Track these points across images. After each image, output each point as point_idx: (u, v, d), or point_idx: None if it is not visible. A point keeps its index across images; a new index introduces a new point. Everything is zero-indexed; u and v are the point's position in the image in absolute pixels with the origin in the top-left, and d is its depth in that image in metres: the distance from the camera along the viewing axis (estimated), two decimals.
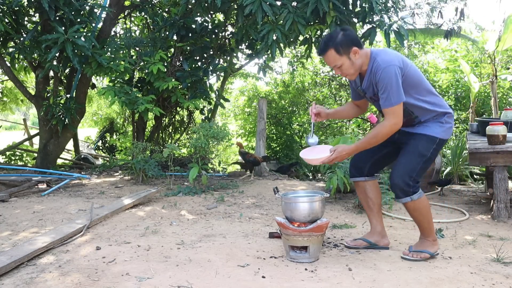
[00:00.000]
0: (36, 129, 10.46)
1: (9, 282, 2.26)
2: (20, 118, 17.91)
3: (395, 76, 2.43)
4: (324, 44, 2.54)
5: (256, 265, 2.53)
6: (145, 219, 3.69)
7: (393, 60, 2.46)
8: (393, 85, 2.43)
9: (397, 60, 2.47)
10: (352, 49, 2.50)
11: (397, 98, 2.44)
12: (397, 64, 2.46)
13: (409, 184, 2.56)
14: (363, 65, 2.57)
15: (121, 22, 8.04)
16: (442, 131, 2.62)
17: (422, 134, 2.62)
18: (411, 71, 2.54)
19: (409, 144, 2.64)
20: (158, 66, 5.69)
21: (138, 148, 5.50)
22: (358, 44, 2.53)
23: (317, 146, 2.76)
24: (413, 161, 2.58)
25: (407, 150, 2.64)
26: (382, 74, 2.45)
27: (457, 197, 5.07)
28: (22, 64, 6.95)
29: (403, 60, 2.52)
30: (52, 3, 5.22)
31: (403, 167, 2.60)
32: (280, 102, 9.79)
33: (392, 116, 2.48)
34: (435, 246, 2.71)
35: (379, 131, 2.54)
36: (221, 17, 7.51)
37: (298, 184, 5.74)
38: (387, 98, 2.46)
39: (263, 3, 4.82)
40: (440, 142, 2.63)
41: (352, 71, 2.58)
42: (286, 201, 2.66)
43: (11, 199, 4.46)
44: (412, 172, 2.57)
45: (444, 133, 2.62)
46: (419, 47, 9.67)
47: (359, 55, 2.53)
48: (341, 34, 2.51)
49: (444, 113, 2.64)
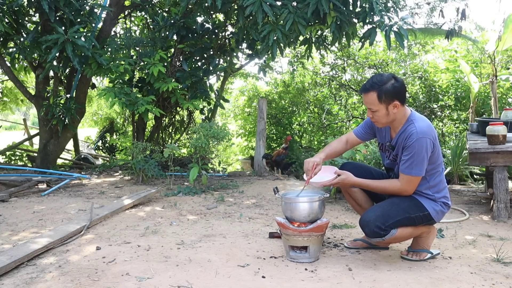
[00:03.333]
0: (36, 129, 10.46)
1: (9, 282, 2.26)
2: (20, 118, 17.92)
3: (425, 150, 2.40)
4: (370, 84, 2.47)
5: (256, 265, 2.53)
6: (145, 219, 3.69)
7: (428, 133, 2.42)
8: (421, 157, 2.40)
9: (432, 134, 2.44)
10: (394, 102, 2.45)
11: (418, 171, 2.43)
12: (431, 138, 2.43)
13: (380, 228, 2.43)
14: (398, 121, 2.52)
15: (121, 22, 8.05)
16: (435, 209, 2.55)
17: (415, 199, 2.55)
18: (437, 150, 2.50)
19: (399, 197, 2.56)
20: (159, 67, 5.69)
21: (138, 148, 5.50)
22: (402, 99, 2.47)
23: (324, 167, 2.72)
24: (394, 211, 2.48)
25: (393, 200, 2.56)
26: (415, 142, 2.40)
27: (457, 197, 5.07)
28: (22, 64, 6.95)
29: (436, 135, 2.48)
30: (52, 4, 5.23)
31: (381, 210, 2.49)
32: (280, 102, 9.79)
33: (407, 184, 2.49)
34: (431, 236, 2.69)
35: (387, 188, 2.57)
36: (221, 17, 7.51)
37: (298, 184, 5.75)
38: (409, 166, 2.43)
39: (263, 4, 4.82)
40: (428, 216, 2.54)
41: (384, 121, 2.53)
42: (286, 201, 2.66)
43: (11, 199, 4.46)
44: (388, 219, 2.45)
45: (436, 213, 2.56)
46: (419, 47, 9.68)
47: (398, 110, 2.48)
48: (391, 83, 2.45)
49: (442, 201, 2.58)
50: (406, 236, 2.58)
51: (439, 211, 2.58)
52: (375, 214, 2.49)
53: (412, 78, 9.49)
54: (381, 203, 2.61)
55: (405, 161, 2.46)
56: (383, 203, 2.59)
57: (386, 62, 9.44)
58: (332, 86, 10.00)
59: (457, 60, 8.62)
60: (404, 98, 2.50)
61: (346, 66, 9.80)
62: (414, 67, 9.50)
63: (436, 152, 2.49)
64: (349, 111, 10.20)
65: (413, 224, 2.53)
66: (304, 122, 10.18)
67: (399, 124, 2.53)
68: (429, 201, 2.56)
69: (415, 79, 9.46)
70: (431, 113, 9.01)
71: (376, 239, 2.50)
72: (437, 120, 9.35)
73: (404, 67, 9.59)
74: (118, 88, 5.77)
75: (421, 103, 9.01)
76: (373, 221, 2.45)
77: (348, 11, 5.25)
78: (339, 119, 10.17)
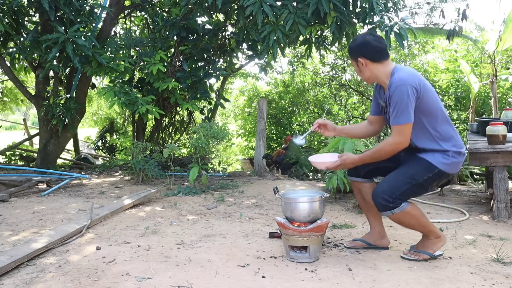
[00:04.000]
0: (36, 129, 10.47)
1: (9, 282, 2.26)
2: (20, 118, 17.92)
3: (406, 96, 2.39)
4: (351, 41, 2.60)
5: (256, 265, 2.53)
6: (145, 219, 3.69)
7: (408, 80, 2.41)
8: (403, 104, 2.39)
9: (414, 81, 2.42)
10: (359, 59, 2.52)
11: (404, 118, 2.41)
12: (412, 84, 2.41)
13: (388, 201, 2.47)
14: (382, 78, 2.55)
15: (121, 22, 8.05)
16: (446, 163, 2.50)
17: (423, 159, 2.53)
18: (429, 98, 2.47)
19: (406, 164, 2.57)
20: (158, 66, 5.69)
21: (138, 148, 5.50)
22: (369, 56, 2.50)
23: (327, 154, 2.79)
24: (400, 181, 2.50)
25: (400, 169, 2.57)
26: (395, 91, 2.42)
27: (457, 197, 5.07)
28: (22, 64, 6.95)
29: (422, 83, 2.45)
30: (52, 3, 5.22)
31: (387, 183, 2.53)
32: (280, 102, 9.80)
33: (398, 134, 2.45)
34: (438, 243, 2.63)
35: (382, 147, 2.53)
36: (221, 17, 7.51)
37: (298, 184, 5.75)
38: (395, 116, 2.43)
39: (263, 4, 4.82)
40: (439, 173, 2.51)
41: (364, 77, 2.61)
42: (286, 201, 2.66)
43: (11, 199, 4.46)
44: (395, 191, 2.48)
45: (447, 166, 2.50)
46: (419, 47, 9.68)
47: (370, 67, 2.52)
48: (360, 39, 2.54)
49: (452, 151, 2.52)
50: (416, 217, 2.55)
51: (450, 164, 2.51)
52: (383, 186, 2.52)
53: None
54: (389, 175, 2.60)
55: (391, 113, 2.46)
56: (391, 174, 2.58)
57: None
58: (332, 86, 10.00)
59: (457, 60, 8.63)
60: (374, 55, 2.51)
61: (346, 66, 9.80)
62: (414, 67, 9.50)
63: (426, 99, 2.46)
64: (349, 111, 10.20)
65: (424, 189, 2.55)
66: (304, 122, 10.18)
67: (386, 81, 2.53)
68: (438, 156, 2.51)
69: None
70: None
71: (385, 213, 2.52)
72: None
73: None
74: (118, 88, 5.78)
75: None
76: (381, 193, 2.48)
77: (348, 11, 5.25)
78: (339, 119, 10.17)
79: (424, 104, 2.46)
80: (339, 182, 4.15)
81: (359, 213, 4.06)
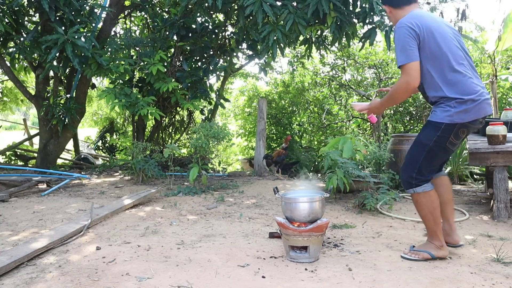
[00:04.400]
0: (36, 129, 10.47)
1: (9, 282, 2.26)
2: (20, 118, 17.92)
3: (402, 36, 2.45)
4: None
5: (256, 265, 2.53)
6: (145, 219, 3.69)
7: (404, 20, 2.50)
8: (400, 44, 2.46)
9: (411, 21, 2.48)
10: (384, 7, 2.73)
11: (403, 58, 2.44)
12: (407, 24, 2.46)
13: (411, 176, 2.56)
14: None
15: (121, 22, 8.05)
16: (448, 115, 2.45)
17: (428, 121, 2.57)
18: (433, 41, 2.46)
19: (420, 132, 2.63)
20: (158, 67, 5.69)
21: (138, 148, 5.51)
22: (392, 3, 2.66)
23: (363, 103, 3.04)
24: (415, 152, 2.57)
25: (415, 139, 2.65)
26: (394, 33, 2.55)
27: (457, 197, 5.07)
28: (22, 64, 6.96)
29: (424, 25, 2.47)
30: (52, 3, 5.22)
31: (407, 159, 2.64)
32: (280, 102, 9.79)
33: (403, 74, 2.46)
34: (440, 251, 2.62)
35: (395, 88, 2.55)
36: (221, 17, 7.51)
37: (299, 184, 5.74)
38: (397, 57, 2.49)
39: (263, 4, 4.82)
40: (447, 128, 2.47)
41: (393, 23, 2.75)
42: (286, 201, 2.66)
43: (11, 199, 4.46)
44: (415, 164, 2.55)
45: (451, 117, 2.44)
46: None
47: (392, 14, 2.68)
48: None
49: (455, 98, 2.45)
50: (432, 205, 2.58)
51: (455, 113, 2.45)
52: (405, 163, 2.66)
53: None
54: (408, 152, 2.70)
55: (396, 56, 2.53)
56: (408, 150, 2.69)
57: (386, 62, 9.44)
58: (332, 86, 10.00)
59: None
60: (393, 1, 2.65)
61: (346, 66, 9.80)
62: None
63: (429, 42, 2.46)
64: (349, 111, 10.20)
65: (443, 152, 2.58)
66: (304, 122, 10.18)
67: None
68: (438, 111, 2.51)
69: None
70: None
71: (409, 191, 2.63)
72: None
73: None
74: (118, 89, 5.77)
75: (421, 103, 9.00)
76: (403, 170, 2.65)
77: (348, 11, 5.25)
78: (339, 119, 10.17)
79: (427, 47, 2.47)
80: (339, 182, 4.15)
81: (359, 213, 4.06)
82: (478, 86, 2.49)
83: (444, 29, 2.53)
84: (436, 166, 2.70)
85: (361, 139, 4.75)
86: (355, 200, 4.28)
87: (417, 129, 9.08)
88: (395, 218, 3.91)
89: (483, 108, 2.49)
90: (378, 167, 5.56)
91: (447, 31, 2.54)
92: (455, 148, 2.62)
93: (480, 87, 2.50)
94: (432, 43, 2.46)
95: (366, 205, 4.03)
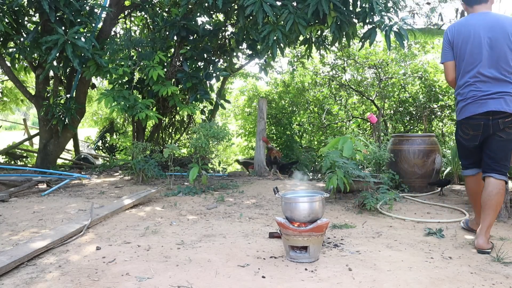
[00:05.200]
0: (36, 129, 10.47)
1: (9, 282, 2.26)
2: (20, 118, 17.93)
3: (443, 40, 3.03)
4: None
5: (256, 265, 2.53)
6: (145, 219, 3.69)
7: (451, 26, 3.01)
8: (442, 46, 3.05)
9: (450, 28, 3.01)
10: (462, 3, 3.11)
11: (441, 58, 3.07)
12: (447, 31, 3.01)
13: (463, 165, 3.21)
14: None
15: (121, 22, 8.05)
16: (456, 111, 3.02)
17: None
18: (457, 45, 2.95)
19: None
20: (158, 71, 5.68)
21: (138, 148, 5.51)
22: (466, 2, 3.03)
23: None
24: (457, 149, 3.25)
25: None
26: None
27: (457, 197, 5.07)
28: (22, 64, 6.96)
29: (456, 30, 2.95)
30: (52, 4, 5.22)
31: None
32: (280, 102, 9.79)
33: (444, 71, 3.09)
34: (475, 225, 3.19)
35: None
36: (221, 17, 7.51)
37: (298, 184, 5.75)
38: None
39: (264, 4, 4.82)
40: (460, 124, 3.02)
41: None
42: (286, 201, 2.66)
43: (11, 199, 4.46)
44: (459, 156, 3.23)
45: (458, 114, 3.00)
46: (419, 47, 9.68)
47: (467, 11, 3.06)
48: None
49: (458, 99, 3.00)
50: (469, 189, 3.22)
51: (458, 111, 3.01)
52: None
53: (412, 78, 9.49)
54: None
55: None
56: None
57: (386, 62, 9.44)
58: (332, 86, 9.99)
59: None
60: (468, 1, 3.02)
61: (346, 66, 9.80)
62: (414, 67, 9.50)
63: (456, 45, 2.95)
64: (349, 111, 10.20)
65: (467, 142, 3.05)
66: (304, 122, 10.18)
67: None
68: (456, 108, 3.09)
69: (415, 79, 9.46)
70: (431, 113, 9.01)
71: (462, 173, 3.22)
72: (437, 120, 9.34)
73: (404, 67, 9.59)
74: (117, 91, 5.75)
75: (421, 103, 9.00)
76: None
77: (348, 11, 5.25)
78: (339, 119, 10.17)
79: (455, 49, 2.98)
80: (339, 182, 4.15)
81: (359, 213, 4.06)
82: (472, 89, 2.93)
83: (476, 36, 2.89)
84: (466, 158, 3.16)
85: (361, 139, 4.75)
86: (355, 200, 4.28)
87: (417, 129, 9.09)
88: (395, 218, 3.91)
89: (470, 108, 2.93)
90: (378, 167, 5.57)
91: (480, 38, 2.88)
92: (470, 144, 3.03)
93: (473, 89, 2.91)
94: (457, 45, 2.96)
95: (366, 205, 4.03)
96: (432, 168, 5.42)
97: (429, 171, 5.40)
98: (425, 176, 5.39)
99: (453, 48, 2.97)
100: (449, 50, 2.99)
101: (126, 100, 5.67)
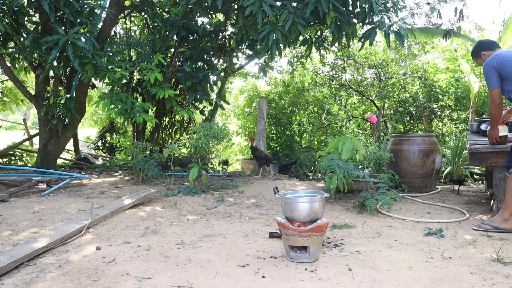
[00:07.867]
0: (36, 129, 10.46)
1: (9, 282, 2.26)
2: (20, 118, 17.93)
3: (487, 72, 3.51)
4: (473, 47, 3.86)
5: (256, 265, 2.53)
6: (145, 219, 3.69)
7: (489, 61, 3.51)
8: (487, 77, 3.52)
9: (493, 61, 3.49)
10: (480, 53, 3.70)
11: (489, 86, 3.54)
12: (491, 64, 3.49)
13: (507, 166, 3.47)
14: None
15: (121, 22, 8.04)
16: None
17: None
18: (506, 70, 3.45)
19: None
20: (155, 74, 5.68)
21: (138, 148, 5.50)
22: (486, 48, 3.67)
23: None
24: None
25: None
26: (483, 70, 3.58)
27: (457, 197, 5.07)
28: (22, 64, 6.95)
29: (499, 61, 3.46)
30: (52, 4, 5.21)
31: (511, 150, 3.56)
32: (280, 102, 9.79)
33: (490, 97, 3.54)
34: (504, 223, 3.36)
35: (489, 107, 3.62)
36: (221, 17, 7.51)
37: (298, 184, 5.75)
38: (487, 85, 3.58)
39: (263, 4, 4.82)
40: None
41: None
42: (286, 201, 2.66)
43: (11, 199, 4.46)
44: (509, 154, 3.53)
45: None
46: (419, 47, 9.68)
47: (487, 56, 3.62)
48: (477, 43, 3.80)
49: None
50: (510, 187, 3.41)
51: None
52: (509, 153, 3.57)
53: (412, 78, 9.49)
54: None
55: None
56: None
57: (386, 62, 9.44)
58: (332, 86, 9.99)
59: (457, 60, 8.62)
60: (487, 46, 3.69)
61: (346, 66, 9.80)
62: (414, 67, 9.50)
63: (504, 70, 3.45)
64: (349, 111, 10.20)
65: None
66: (304, 122, 10.18)
67: None
68: None
69: (415, 79, 9.47)
70: (431, 113, 9.01)
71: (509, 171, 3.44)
72: (437, 120, 9.34)
73: (404, 67, 9.60)
74: (115, 94, 5.74)
75: (421, 103, 9.01)
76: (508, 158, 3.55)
77: (348, 11, 5.25)
78: (339, 119, 10.17)
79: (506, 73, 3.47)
80: (339, 182, 4.16)
81: (359, 213, 4.06)
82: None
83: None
84: None
85: (361, 139, 4.75)
86: (355, 200, 4.28)
87: (417, 129, 9.09)
88: (395, 218, 3.92)
89: None
90: (378, 167, 5.57)
91: None
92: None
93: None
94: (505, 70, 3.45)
95: (366, 205, 4.03)
96: (432, 168, 5.42)
97: (429, 171, 5.40)
98: (425, 176, 5.40)
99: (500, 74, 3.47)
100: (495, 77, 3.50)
101: (123, 103, 5.65)
